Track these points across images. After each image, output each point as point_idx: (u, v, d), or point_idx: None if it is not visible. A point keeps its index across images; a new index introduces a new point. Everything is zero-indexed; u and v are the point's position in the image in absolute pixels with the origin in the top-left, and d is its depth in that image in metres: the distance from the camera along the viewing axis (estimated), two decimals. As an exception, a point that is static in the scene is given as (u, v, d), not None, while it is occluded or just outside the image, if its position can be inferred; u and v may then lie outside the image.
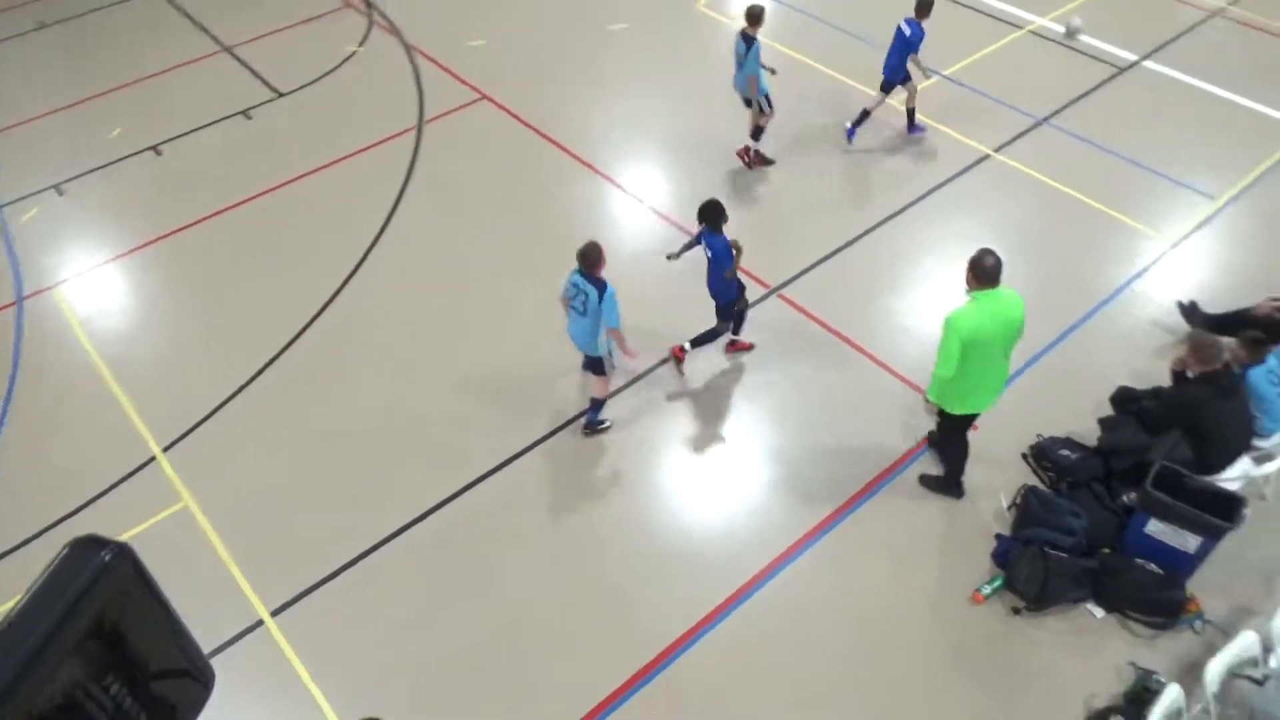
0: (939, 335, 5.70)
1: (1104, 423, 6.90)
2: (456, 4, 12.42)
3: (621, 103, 10.58)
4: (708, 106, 10.38)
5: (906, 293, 8.25)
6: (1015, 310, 5.68)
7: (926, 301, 8.12)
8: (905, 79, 9.40)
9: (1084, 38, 10.99)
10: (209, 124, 10.45)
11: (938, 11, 11.65)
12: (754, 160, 9.59)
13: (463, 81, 10.93)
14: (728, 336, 7.68)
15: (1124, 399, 7.02)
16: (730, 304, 7.35)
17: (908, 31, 9.19)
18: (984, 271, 5.57)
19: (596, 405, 7.14)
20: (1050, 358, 7.62)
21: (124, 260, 8.92)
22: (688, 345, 7.52)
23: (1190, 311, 7.76)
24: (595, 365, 6.93)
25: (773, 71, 9.19)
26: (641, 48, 11.45)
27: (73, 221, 9.42)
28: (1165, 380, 6.94)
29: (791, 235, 8.83)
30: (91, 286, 8.69)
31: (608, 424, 7.22)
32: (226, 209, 9.37)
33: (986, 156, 9.58)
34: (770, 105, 9.21)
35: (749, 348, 7.78)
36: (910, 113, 9.77)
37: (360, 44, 11.66)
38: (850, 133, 9.72)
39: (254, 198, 9.49)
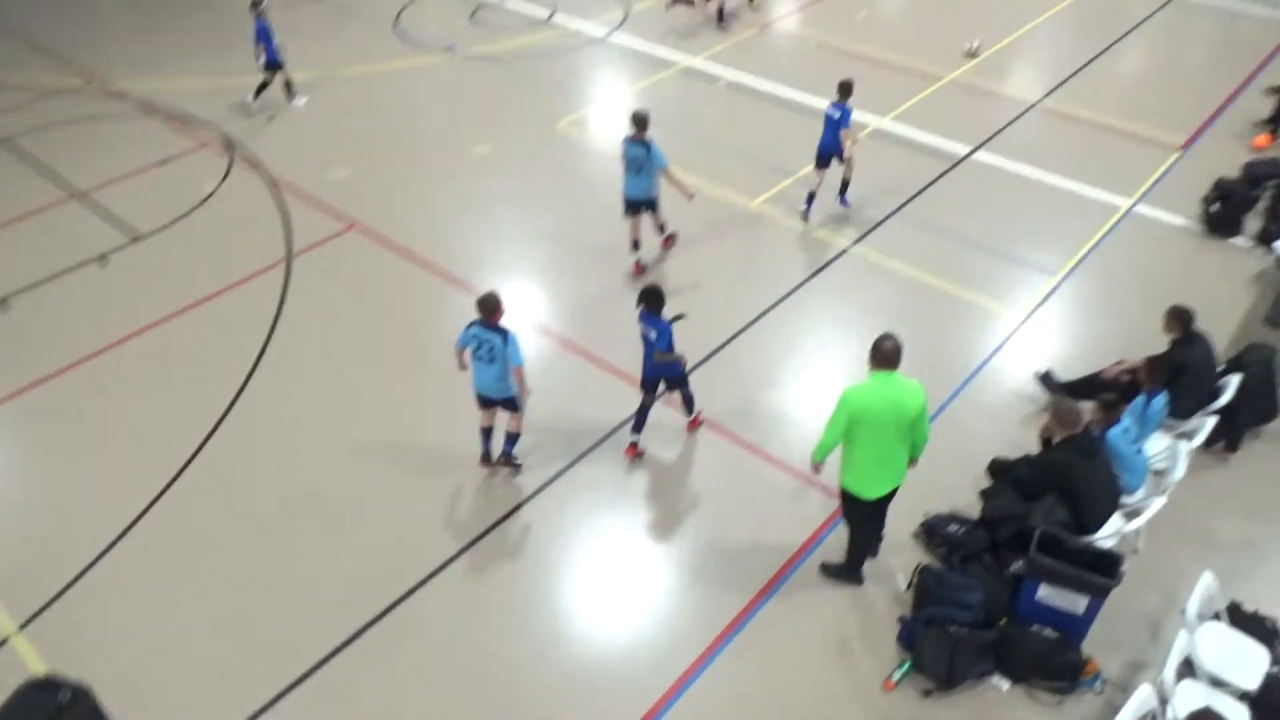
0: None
1: (984, 494, 7.17)
2: (319, 136, 12.44)
3: (492, 221, 10.72)
4: (576, 220, 10.62)
5: (787, 384, 8.48)
6: (909, 398, 5.81)
7: (808, 392, 8.36)
8: (839, 155, 10.12)
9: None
10: (61, 273, 10.01)
11: (789, 120, 12.42)
12: (665, 242, 10.05)
13: (330, 211, 10.87)
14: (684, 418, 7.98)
15: (999, 469, 7.34)
16: (683, 377, 7.67)
17: (836, 115, 9.98)
18: (880, 354, 5.79)
19: (513, 439, 7.59)
20: (927, 436, 7.90)
21: (-30, 423, 8.32)
22: (635, 436, 7.72)
23: (1047, 380, 8.24)
24: (510, 404, 7.39)
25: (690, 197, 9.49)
26: (507, 168, 11.69)
27: (-90, 386, 8.76)
28: (1035, 447, 7.31)
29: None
30: (-67, 455, 8.04)
31: (520, 462, 7.67)
32: (83, 360, 8.90)
33: (846, 250, 10.08)
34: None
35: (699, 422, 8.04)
36: (845, 184, 10.48)
37: (221, 182, 11.49)
38: (807, 211, 10.46)
39: (112, 346, 9.07)
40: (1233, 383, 7.42)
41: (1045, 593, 6.03)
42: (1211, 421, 7.18)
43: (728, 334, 9.02)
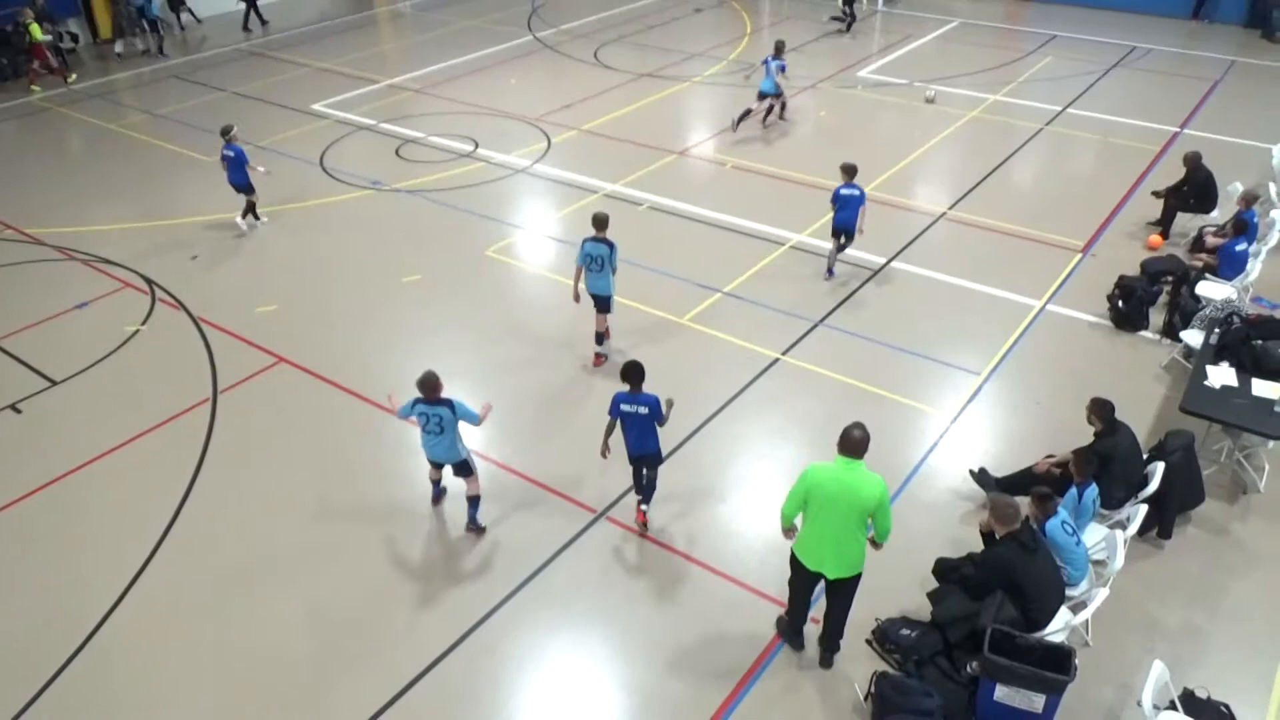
0: (774, 527, 5.83)
1: (932, 596, 7.14)
2: (245, 272, 12.35)
3: (423, 350, 10.66)
4: (507, 343, 10.63)
5: (728, 497, 8.44)
6: (865, 488, 6.04)
7: (749, 502, 8.33)
8: (849, 231, 11.64)
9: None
10: (-30, 423, 9.57)
11: (711, 238, 12.80)
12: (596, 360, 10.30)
13: (257, 347, 10.69)
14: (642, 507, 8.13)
15: (945, 570, 7.34)
16: (660, 460, 7.94)
17: (855, 193, 11.55)
18: (845, 441, 6.14)
19: (474, 503, 8.04)
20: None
21: None
22: (645, 507, 8.06)
23: (982, 477, 8.37)
24: (463, 468, 7.92)
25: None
26: (437, 296, 11.72)
27: None
28: (977, 544, 7.35)
29: (612, 455, 8.93)
30: None
31: (484, 525, 8.09)
32: (-7, 513, 8.42)
33: (777, 360, 10.25)
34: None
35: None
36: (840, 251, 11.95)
37: (143, 322, 11.25)
38: (830, 274, 11.90)
39: (27, 496, 8.61)
40: (1158, 470, 7.63)
41: (1003, 693, 5.96)
42: (1143, 510, 7.35)
43: (665, 449, 8.99)
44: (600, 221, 9.75)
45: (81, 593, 7.58)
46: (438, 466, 8.16)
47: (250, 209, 13.47)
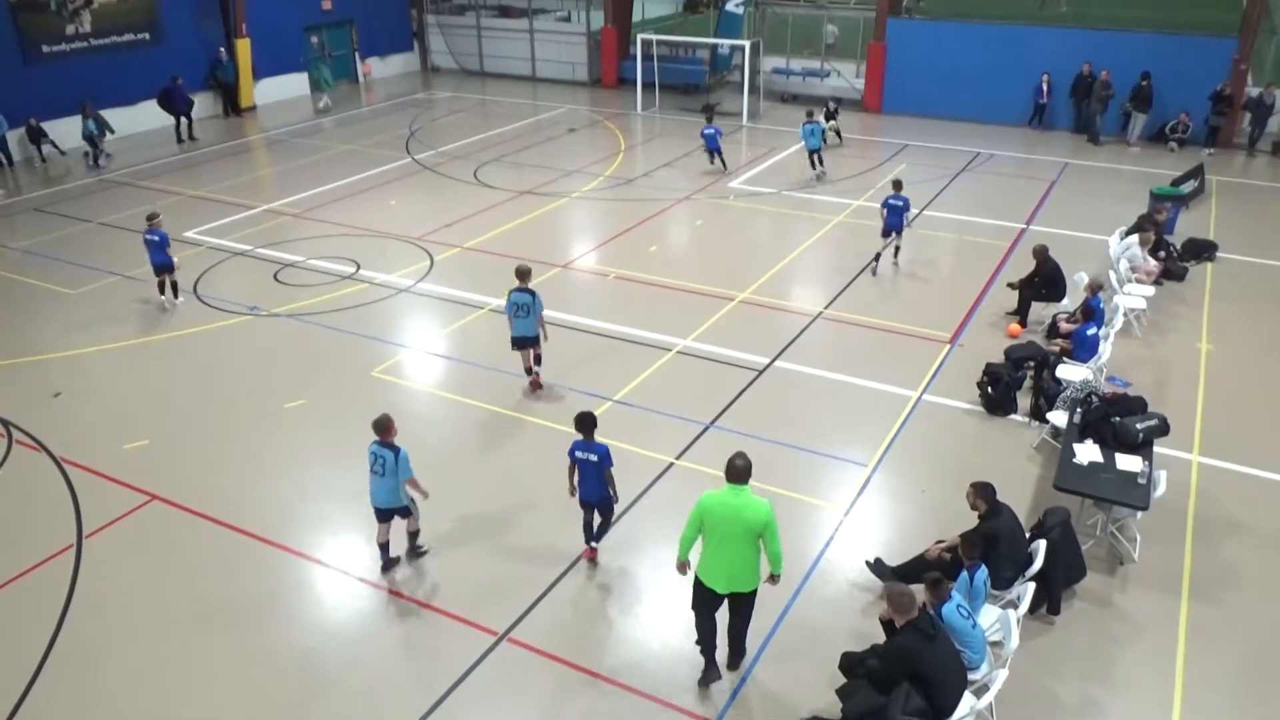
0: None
1: (841, 693, 7.11)
2: (113, 407, 11.75)
3: (308, 476, 10.28)
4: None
5: (630, 608, 8.30)
6: (749, 512, 6.84)
7: (650, 609, 8.21)
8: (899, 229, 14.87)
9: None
10: None
11: (599, 347, 12.94)
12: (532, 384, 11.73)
13: (127, 486, 10.10)
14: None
15: (851, 664, 7.34)
16: (611, 505, 8.63)
17: (900, 203, 14.98)
18: (731, 470, 6.93)
19: (414, 535, 8.86)
20: (776, 641, 7.90)
21: None
22: (595, 545, 8.74)
23: (878, 567, 8.52)
24: (403, 513, 8.58)
25: None
26: (322, 420, 11.39)
27: None
28: (880, 636, 7.41)
29: (504, 573, 8.71)
30: None
31: (426, 548, 8.97)
32: None
33: (671, 464, 10.32)
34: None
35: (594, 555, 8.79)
36: (897, 250, 15.51)
37: (-2, 466, 10.52)
38: (875, 267, 15.38)
39: None
40: (1041, 548, 7.94)
41: (918, 786, 5.93)
42: (1031, 588, 7.60)
43: (570, 559, 8.84)
44: (522, 273, 11.42)
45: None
46: (383, 517, 8.57)
47: (173, 287, 14.54)
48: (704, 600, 7.18)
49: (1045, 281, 13.45)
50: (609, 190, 20.14)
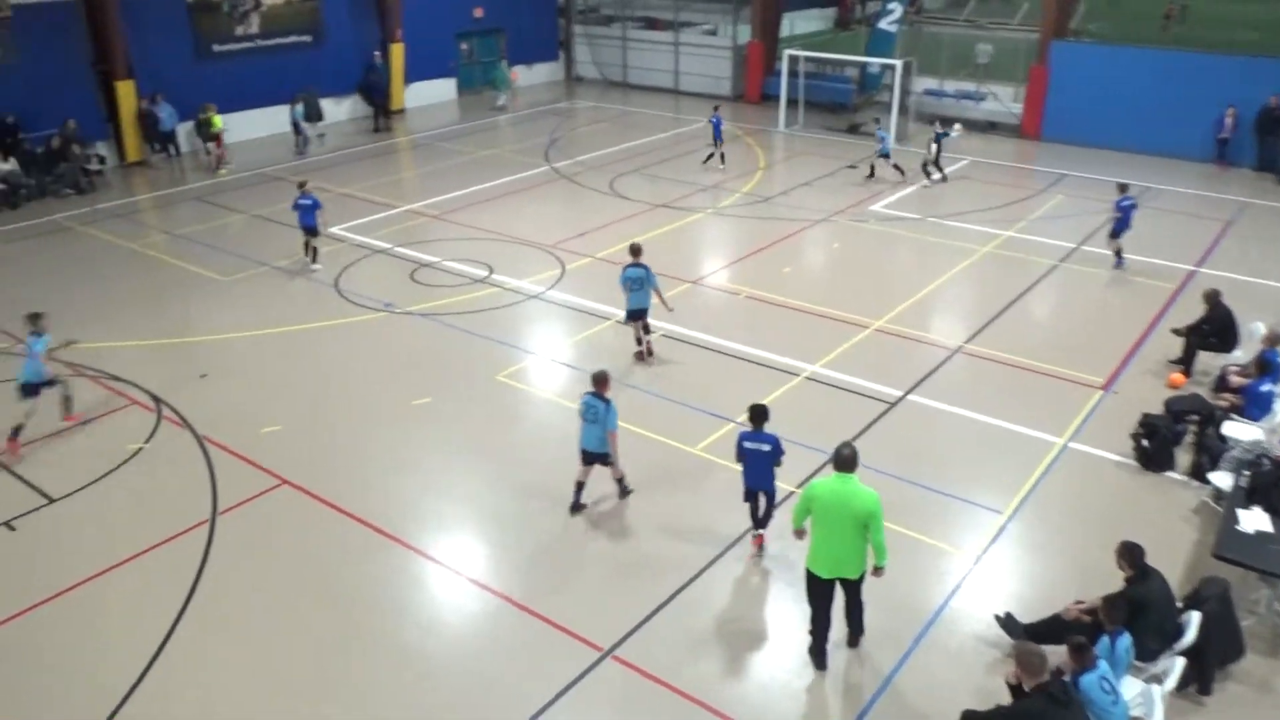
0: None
1: (960, 752, 6.82)
2: (252, 392, 12.46)
3: (429, 474, 10.61)
4: (517, 469, 10.59)
5: (740, 635, 8.19)
6: (857, 500, 7.22)
7: (761, 640, 8.08)
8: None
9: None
10: (-39, 541, 9.48)
11: (724, 367, 12.89)
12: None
13: (260, 468, 10.67)
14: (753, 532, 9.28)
15: (973, 723, 7.03)
16: (773, 490, 9.09)
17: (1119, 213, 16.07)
18: (838, 459, 7.34)
19: (621, 481, 9.99)
20: (894, 687, 7.64)
21: None
22: (763, 531, 9.22)
23: (1008, 624, 8.13)
24: (604, 459, 9.59)
25: None
26: (446, 420, 11.75)
27: None
28: (1005, 695, 7.07)
29: (613, 587, 8.75)
30: None
31: (632, 489, 10.07)
32: (-26, 637, 8.25)
33: (791, 494, 10.15)
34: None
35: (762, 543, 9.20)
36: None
37: (147, 440, 11.28)
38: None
39: (17, 615, 8.45)
40: (1194, 620, 7.41)
41: None
42: (1180, 663, 7.10)
43: (679, 583, 8.81)
44: (636, 250, 12.82)
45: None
46: (587, 461, 9.60)
47: (313, 252, 16.44)
48: (814, 589, 7.57)
49: (1215, 329, 12.60)
50: (745, 207, 20.09)
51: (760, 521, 9.20)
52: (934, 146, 21.60)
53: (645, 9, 34.26)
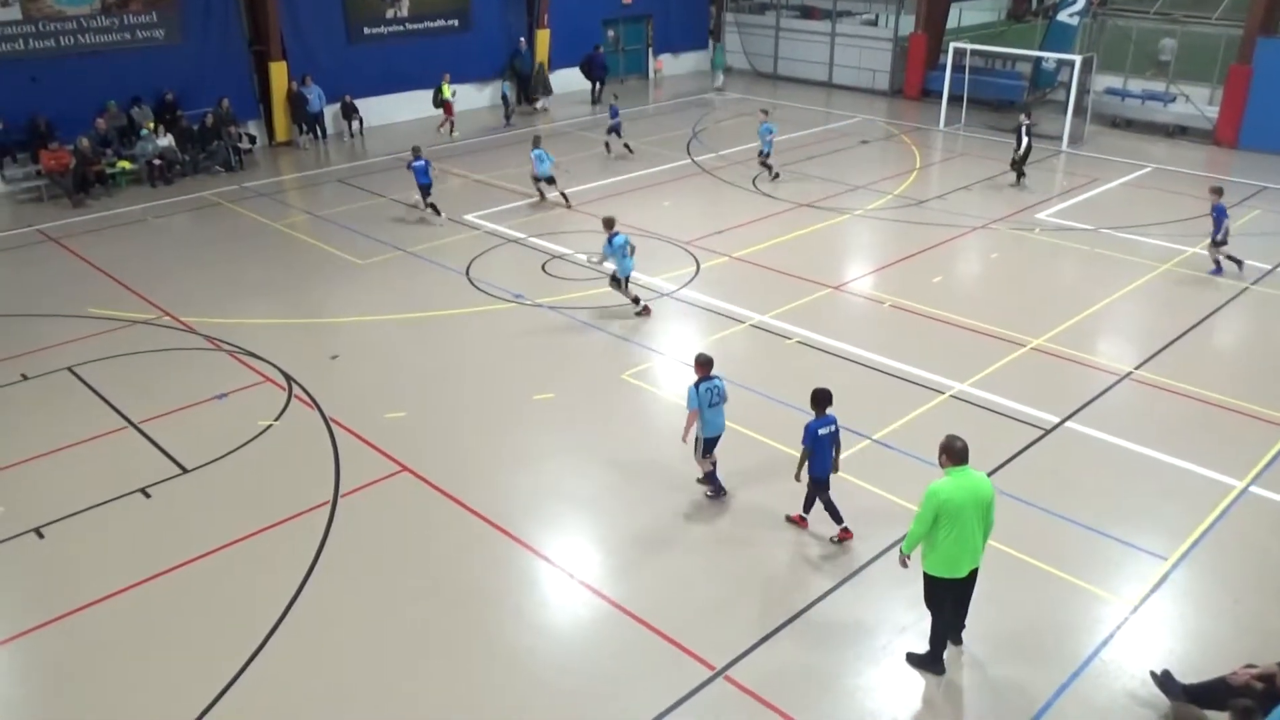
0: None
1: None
2: (378, 377, 13.01)
3: (548, 471, 10.83)
4: (638, 472, 10.67)
5: (859, 665, 8.02)
6: (984, 487, 7.41)
7: (881, 671, 7.89)
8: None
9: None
10: (102, 503, 10.27)
11: (862, 379, 12.64)
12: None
13: (383, 453, 11.13)
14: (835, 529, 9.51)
15: (1117, 788, 6.67)
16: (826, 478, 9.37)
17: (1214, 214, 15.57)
18: (954, 452, 7.36)
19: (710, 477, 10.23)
20: (1029, 741, 7.34)
21: (-22, 660, 8.27)
22: (804, 513, 9.64)
23: (1166, 682, 7.66)
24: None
25: None
26: (568, 417, 11.96)
27: (-74, 615, 8.83)
28: (1157, 764, 6.68)
29: (731, 603, 8.71)
30: (-67, 693, 7.94)
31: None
32: (110, 595, 8.92)
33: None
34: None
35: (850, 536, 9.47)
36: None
37: (277, 418, 11.94)
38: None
39: (143, 582, 9.11)
40: (1389, 698, 6.79)
41: None
42: (1369, 745, 6.52)
43: (800, 604, 8.70)
44: (609, 223, 14.31)
45: (175, 693, 7.85)
46: (715, 444, 9.89)
47: (432, 207, 18.92)
48: (948, 592, 7.61)
49: None
50: (896, 210, 19.63)
51: (839, 514, 9.42)
52: (1025, 140, 20.64)
53: (803, -3, 33.99)
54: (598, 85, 29.91)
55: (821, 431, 9.11)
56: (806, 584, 9.00)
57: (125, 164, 21.56)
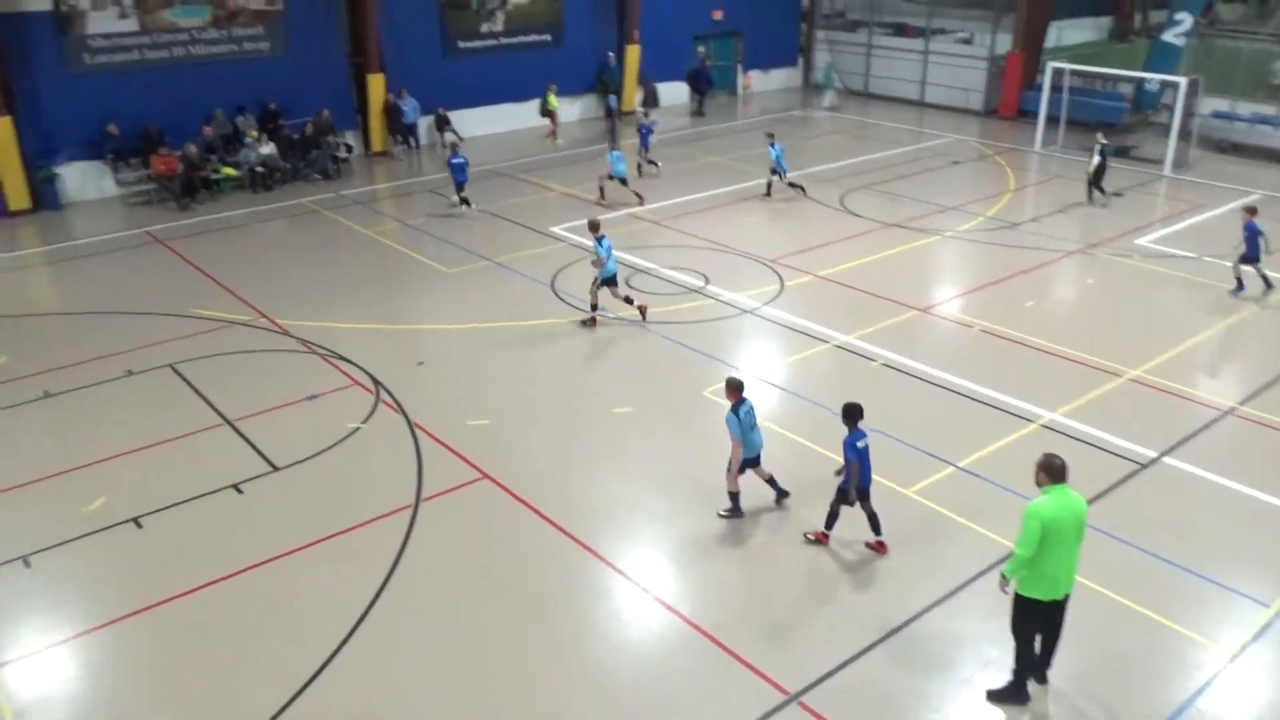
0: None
1: None
2: (463, 384, 13.21)
3: (625, 486, 10.84)
4: (713, 491, 10.60)
5: (942, 707, 7.82)
6: (1081, 505, 7.33)
7: (971, 703, 7.68)
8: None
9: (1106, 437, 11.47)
10: (197, 497, 10.62)
11: (949, 404, 12.38)
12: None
13: (465, 460, 11.28)
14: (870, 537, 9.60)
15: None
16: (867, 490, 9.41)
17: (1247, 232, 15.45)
18: (1054, 471, 7.24)
19: (773, 479, 10.26)
20: (1117, 789, 7.05)
21: (80, 641, 8.61)
22: (826, 530, 9.66)
23: (1267, 736, 7.30)
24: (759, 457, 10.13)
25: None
26: (647, 431, 11.96)
27: (34, 596, 9.23)
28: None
29: (810, 626, 8.59)
30: (38, 671, 8.29)
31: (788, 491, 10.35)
32: (199, 588, 9.22)
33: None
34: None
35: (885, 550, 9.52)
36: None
37: (364, 421, 12.21)
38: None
39: (231, 576, 9.39)
40: None
41: None
42: None
43: (878, 633, 8.53)
44: (595, 225, 14.80)
45: (254, 687, 8.06)
46: (757, 463, 10.02)
47: (464, 201, 19.89)
48: (1038, 618, 7.46)
49: None
50: (988, 233, 19.21)
51: (879, 526, 9.51)
52: (1096, 159, 20.06)
53: (896, 15, 33.55)
54: (700, 97, 30.55)
55: (860, 445, 9.18)
56: (887, 611, 8.81)
57: (229, 170, 22.39)
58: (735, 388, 9.82)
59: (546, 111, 26.97)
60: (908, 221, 19.77)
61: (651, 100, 29.74)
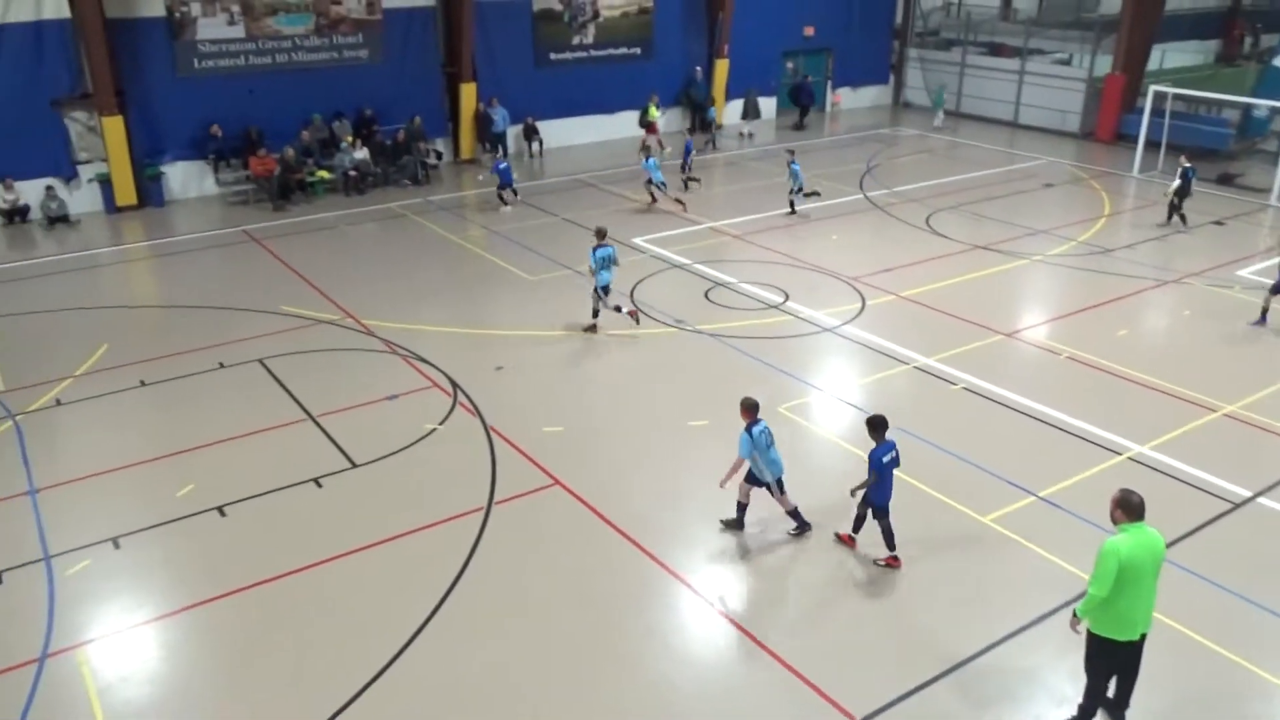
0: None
1: None
2: (540, 390, 13.36)
3: (697, 500, 10.81)
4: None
5: (1013, 740, 7.62)
6: (1160, 543, 7.08)
7: (1038, 753, 7.46)
8: None
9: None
10: (279, 489, 10.94)
11: (1032, 432, 12.06)
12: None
13: (538, 466, 11.40)
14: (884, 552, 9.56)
15: None
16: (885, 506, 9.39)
17: None
18: (1132, 508, 7.00)
19: (795, 511, 10.06)
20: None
21: (163, 623, 8.94)
22: (854, 533, 9.76)
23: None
24: (781, 483, 9.95)
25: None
26: (721, 446, 11.84)
27: (122, 577, 9.61)
28: None
29: (881, 651, 8.44)
30: (121, 649, 8.63)
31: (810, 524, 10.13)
32: (277, 577, 9.49)
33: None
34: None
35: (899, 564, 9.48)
36: None
37: (441, 422, 12.43)
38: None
39: (307, 568, 9.64)
40: None
41: None
42: None
43: (955, 659, 8.34)
44: (602, 233, 14.92)
45: (324, 678, 8.25)
46: (781, 489, 9.89)
47: (501, 198, 21.59)
48: (1111, 657, 7.26)
49: None
50: (1080, 258, 18.70)
51: (893, 540, 9.51)
52: (1178, 181, 19.57)
53: (992, 34, 32.96)
54: (802, 112, 30.99)
55: (885, 459, 9.18)
56: (959, 640, 8.62)
57: (324, 174, 23.08)
58: (750, 408, 9.78)
59: (646, 123, 27.27)
60: (995, 244, 19.36)
61: (753, 112, 29.84)
